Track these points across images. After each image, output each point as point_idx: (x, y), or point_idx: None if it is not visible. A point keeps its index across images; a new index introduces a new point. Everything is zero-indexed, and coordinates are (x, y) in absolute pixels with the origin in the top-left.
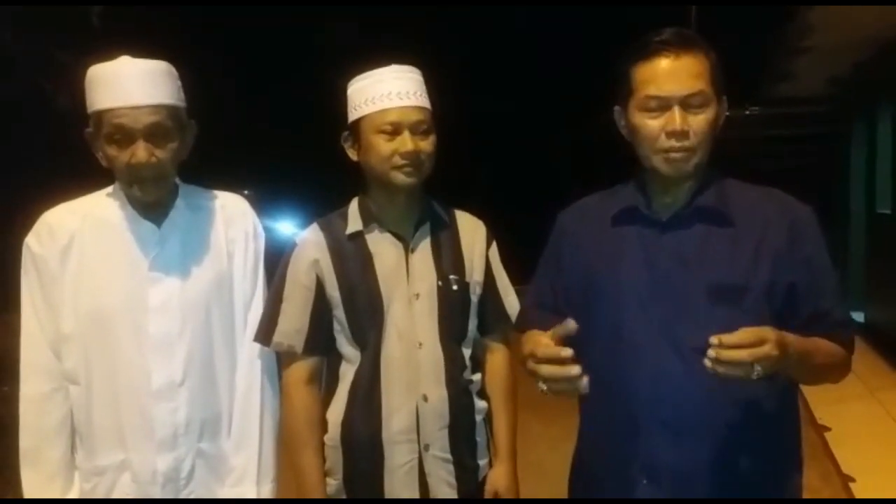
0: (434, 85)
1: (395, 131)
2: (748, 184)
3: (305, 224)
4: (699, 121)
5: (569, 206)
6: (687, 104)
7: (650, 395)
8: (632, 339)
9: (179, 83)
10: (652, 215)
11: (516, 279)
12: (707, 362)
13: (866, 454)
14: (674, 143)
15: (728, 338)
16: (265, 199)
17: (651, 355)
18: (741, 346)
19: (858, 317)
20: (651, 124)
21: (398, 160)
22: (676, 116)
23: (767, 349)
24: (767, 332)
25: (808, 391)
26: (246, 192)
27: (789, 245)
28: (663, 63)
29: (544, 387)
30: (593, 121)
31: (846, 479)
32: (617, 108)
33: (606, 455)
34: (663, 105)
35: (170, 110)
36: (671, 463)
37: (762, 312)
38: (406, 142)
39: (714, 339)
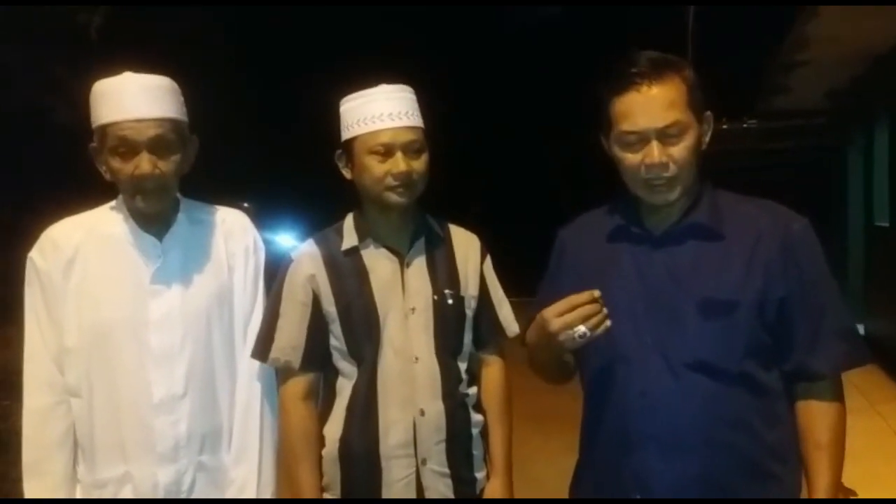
0: (428, 97)
1: (387, 152)
2: (742, 196)
3: (305, 237)
4: (679, 150)
5: (569, 222)
6: (664, 135)
7: (640, 409)
8: (624, 355)
9: (182, 98)
10: (644, 232)
11: (511, 292)
12: None
13: (867, 467)
14: (653, 175)
15: None
16: (264, 212)
17: (642, 370)
18: None
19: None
20: (631, 158)
21: (391, 181)
22: (654, 150)
23: None
24: None
25: None
26: (245, 204)
27: (781, 258)
28: (637, 97)
29: (582, 329)
30: (588, 133)
31: (847, 492)
32: (602, 137)
33: (601, 469)
34: (641, 139)
35: (173, 124)
36: (662, 477)
37: (754, 327)
38: (399, 163)
39: None
